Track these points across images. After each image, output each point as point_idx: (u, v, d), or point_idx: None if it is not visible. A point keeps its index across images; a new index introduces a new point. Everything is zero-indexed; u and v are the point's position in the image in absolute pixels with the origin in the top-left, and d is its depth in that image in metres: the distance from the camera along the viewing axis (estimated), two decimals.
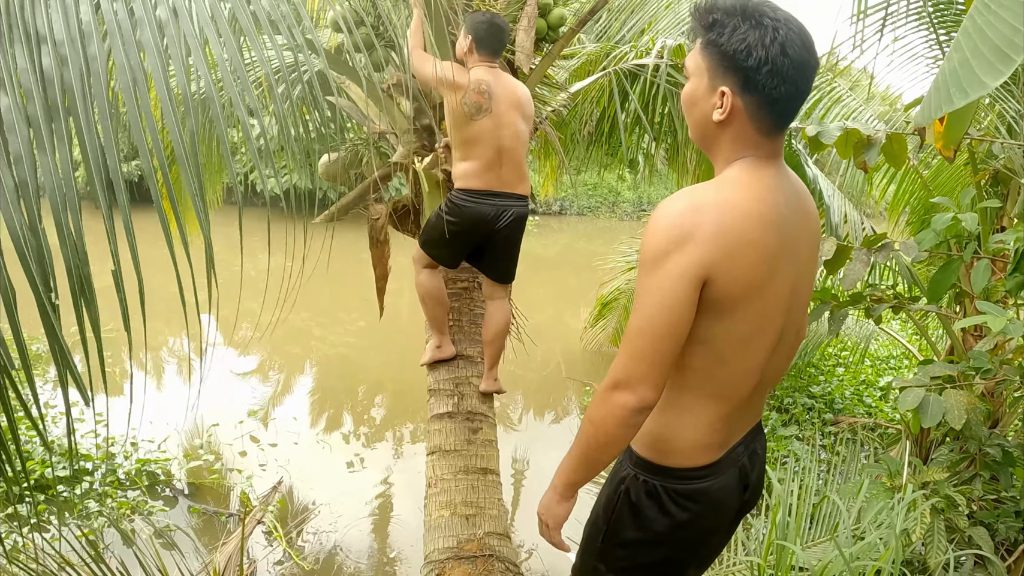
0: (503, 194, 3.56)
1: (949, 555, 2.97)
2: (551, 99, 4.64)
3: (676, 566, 1.96)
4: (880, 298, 3.91)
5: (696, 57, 1.64)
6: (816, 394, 7.46)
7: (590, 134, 5.69)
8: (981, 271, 3.45)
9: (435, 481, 3.48)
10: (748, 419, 1.89)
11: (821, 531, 3.79)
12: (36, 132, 1.37)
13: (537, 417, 7.61)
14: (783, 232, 1.62)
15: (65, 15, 1.42)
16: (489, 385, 3.83)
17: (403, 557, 4.90)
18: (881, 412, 7.22)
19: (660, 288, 1.54)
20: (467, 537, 3.26)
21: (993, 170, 4.28)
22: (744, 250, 1.55)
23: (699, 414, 1.74)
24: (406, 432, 7.00)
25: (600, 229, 22.10)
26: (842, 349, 8.60)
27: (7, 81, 1.36)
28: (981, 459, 3.82)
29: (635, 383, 1.58)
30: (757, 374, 1.75)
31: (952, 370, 3.55)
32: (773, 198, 1.61)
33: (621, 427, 1.62)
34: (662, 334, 1.55)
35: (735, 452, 1.86)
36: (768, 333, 1.71)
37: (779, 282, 1.65)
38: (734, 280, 1.56)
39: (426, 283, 3.82)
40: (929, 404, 3.30)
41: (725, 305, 1.59)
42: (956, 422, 3.25)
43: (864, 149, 3.50)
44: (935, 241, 3.53)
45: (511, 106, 3.50)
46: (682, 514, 1.80)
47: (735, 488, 1.88)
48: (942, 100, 1.65)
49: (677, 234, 1.53)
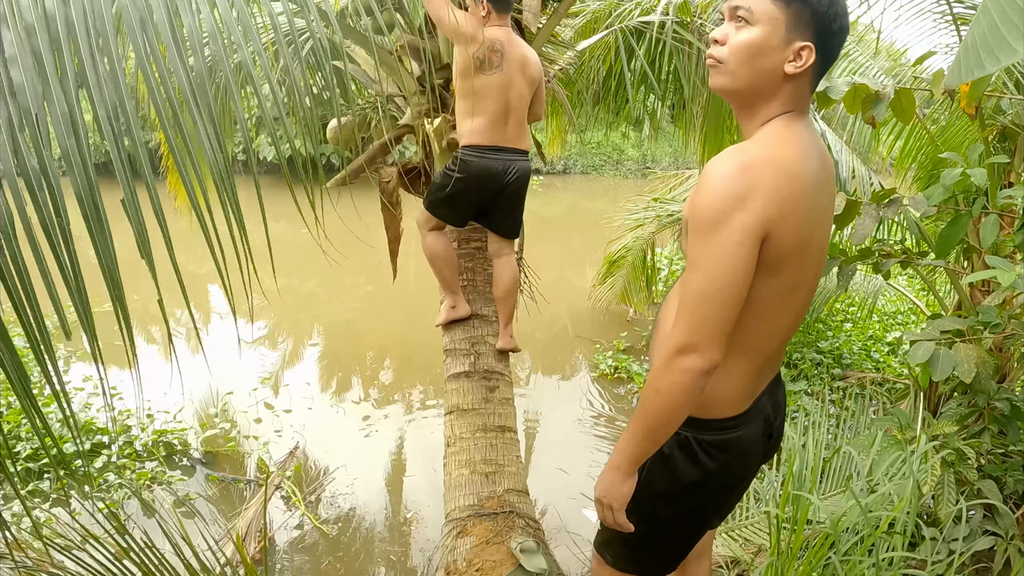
0: (508, 149, 3.64)
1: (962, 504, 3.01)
2: (558, 57, 4.63)
3: (701, 516, 2.02)
4: (889, 253, 3.93)
5: (769, 6, 1.62)
6: (824, 349, 7.49)
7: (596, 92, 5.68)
8: (990, 226, 3.46)
9: (454, 440, 3.54)
10: (773, 368, 1.93)
11: (834, 484, 3.84)
12: (39, 65, 1.40)
13: (546, 376, 7.66)
14: (818, 190, 1.66)
15: None
16: (505, 343, 3.87)
17: (419, 517, 4.96)
18: (889, 367, 7.26)
19: (723, 250, 1.55)
20: (487, 494, 3.32)
21: (1001, 126, 4.28)
22: (793, 209, 1.58)
23: (735, 368, 1.78)
24: (416, 394, 7.05)
25: (604, 187, 22.04)
26: (849, 305, 8.62)
27: (9, 15, 1.39)
28: (989, 413, 3.86)
29: (702, 346, 1.58)
30: (791, 325, 1.80)
31: (961, 324, 3.57)
32: (809, 155, 1.65)
33: (689, 392, 1.62)
34: (727, 296, 1.56)
35: (760, 402, 1.90)
36: (803, 289, 1.75)
37: (816, 239, 1.69)
38: (785, 238, 1.59)
39: (433, 245, 3.86)
40: (939, 358, 3.33)
41: (773, 264, 1.61)
42: (966, 375, 3.28)
43: (872, 104, 3.49)
44: (944, 196, 3.54)
45: (518, 68, 3.57)
46: (712, 464, 1.85)
47: (760, 436, 1.93)
48: (973, 64, 1.67)
49: (735, 194, 1.54)
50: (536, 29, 3.97)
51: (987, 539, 3.53)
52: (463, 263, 4.13)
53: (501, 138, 3.59)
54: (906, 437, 3.61)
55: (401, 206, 3.99)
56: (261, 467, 5.44)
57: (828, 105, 3.61)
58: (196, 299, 2.78)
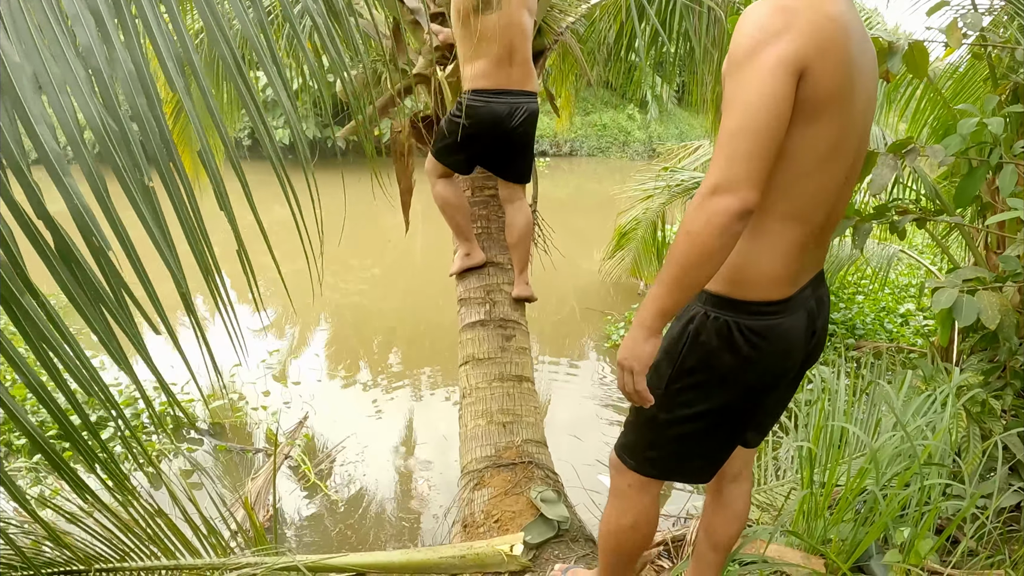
0: (514, 92, 3.54)
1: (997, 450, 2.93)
2: (570, 10, 4.56)
3: (735, 415, 1.92)
4: (905, 210, 3.87)
5: None
6: (837, 320, 7.43)
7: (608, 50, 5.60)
8: (1008, 176, 3.41)
9: (470, 391, 3.47)
10: (816, 257, 1.85)
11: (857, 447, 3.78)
12: (99, 22, 1.38)
13: (554, 359, 7.59)
14: (859, 48, 1.61)
15: None
16: (521, 291, 3.79)
17: (431, 485, 4.92)
18: (903, 337, 7.20)
19: (758, 81, 1.50)
20: (505, 444, 3.26)
21: (1013, 84, 4.22)
22: (833, 49, 1.53)
23: (776, 238, 1.71)
24: (427, 369, 7.01)
25: (611, 169, 21.91)
26: (861, 277, 8.56)
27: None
28: (1012, 368, 3.79)
29: (736, 185, 1.51)
30: (832, 197, 1.72)
31: (983, 272, 3.51)
32: (847, 15, 1.59)
33: (723, 235, 1.53)
34: (762, 129, 1.50)
35: (804, 293, 1.82)
36: (846, 151, 1.68)
37: (857, 98, 1.63)
38: (823, 80, 1.53)
39: (443, 192, 3.79)
40: (963, 304, 3.27)
41: (812, 108, 1.56)
42: (991, 321, 3.22)
43: (887, 57, 3.45)
44: (962, 145, 3.48)
45: (519, 3, 3.47)
46: (752, 352, 1.77)
47: (803, 330, 1.84)
48: None
49: (773, 28, 1.51)
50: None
51: (1015, 494, 3.47)
52: (476, 211, 4.05)
53: (506, 80, 3.49)
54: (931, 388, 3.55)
55: (413, 156, 3.92)
56: (270, 437, 5.39)
57: None
58: (202, 282, 2.78)
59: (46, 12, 1.35)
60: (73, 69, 1.34)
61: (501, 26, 3.39)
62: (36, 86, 1.31)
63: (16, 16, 1.33)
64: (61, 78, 1.33)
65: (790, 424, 3.75)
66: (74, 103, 1.34)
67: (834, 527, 2.39)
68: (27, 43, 1.32)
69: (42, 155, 1.29)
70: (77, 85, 1.34)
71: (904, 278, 9.01)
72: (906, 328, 7.42)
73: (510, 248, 3.81)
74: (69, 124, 1.33)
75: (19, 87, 1.29)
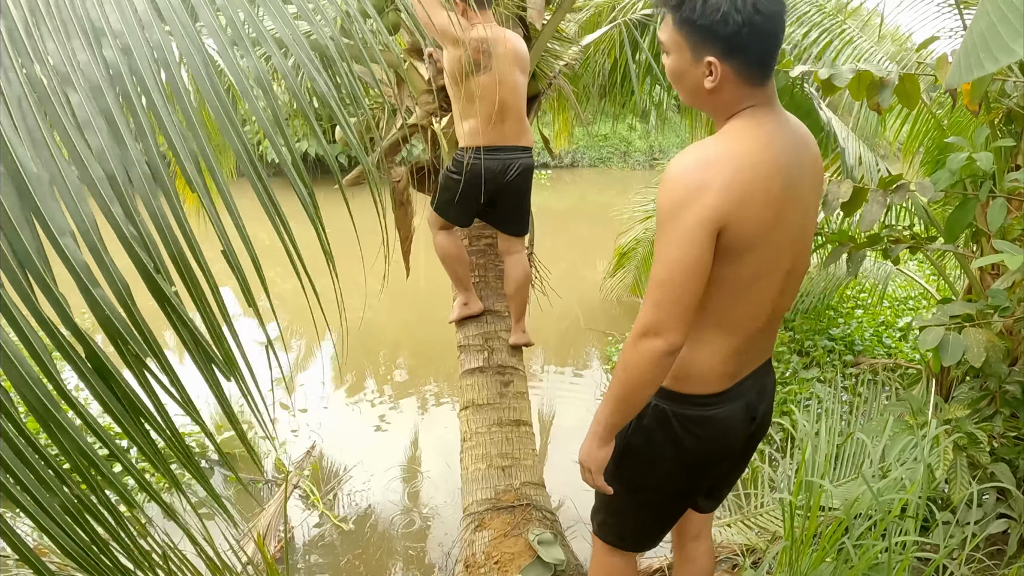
0: (508, 148, 3.63)
1: (973, 489, 3.04)
2: (563, 53, 4.65)
3: (680, 491, 2.12)
4: (897, 239, 3.95)
5: (671, 33, 1.71)
6: (836, 336, 7.49)
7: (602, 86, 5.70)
8: (997, 210, 3.48)
9: (470, 435, 3.58)
10: (758, 355, 2.01)
11: (847, 470, 3.87)
12: (111, 125, 1.39)
13: (559, 370, 7.69)
14: (789, 177, 1.71)
15: (119, 6, 1.46)
16: (518, 338, 3.91)
17: (437, 513, 5.00)
18: (901, 353, 7.26)
19: (680, 240, 1.62)
20: (504, 488, 3.36)
21: (1006, 108, 4.28)
22: (754, 199, 1.64)
23: (714, 346, 1.86)
24: (431, 390, 7.09)
25: (613, 180, 21.98)
26: (860, 291, 8.62)
27: (73, 76, 1.39)
28: (1001, 396, 3.87)
29: (663, 329, 1.67)
30: (767, 309, 1.88)
31: (971, 309, 3.59)
32: (778, 145, 1.70)
33: (654, 370, 1.72)
34: (684, 282, 1.64)
35: (744, 385, 1.98)
36: (777, 272, 1.82)
37: (786, 225, 1.75)
38: (745, 227, 1.65)
39: (444, 244, 3.89)
40: (949, 342, 3.35)
41: (737, 250, 1.68)
42: (976, 360, 3.30)
43: (877, 90, 3.52)
44: (951, 181, 3.55)
45: (510, 62, 3.54)
46: (689, 439, 1.95)
47: (741, 419, 2.00)
48: (973, 64, 1.71)
49: (692, 187, 1.61)
50: (540, 26, 4.00)
51: (1001, 522, 3.55)
52: (475, 260, 4.17)
53: (500, 137, 3.58)
54: (918, 422, 3.63)
55: (412, 204, 4.03)
56: (279, 467, 5.49)
57: (833, 92, 3.63)
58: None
59: (60, 118, 1.37)
60: (92, 173, 1.36)
61: (493, 85, 3.47)
62: (53, 194, 1.33)
63: (31, 125, 1.35)
64: (77, 184, 1.36)
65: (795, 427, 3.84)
66: (92, 209, 1.36)
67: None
68: (43, 152, 1.34)
69: (68, 267, 1.31)
70: (96, 188, 1.36)
71: (903, 291, 9.07)
72: (904, 343, 7.49)
73: (508, 298, 3.92)
74: (88, 231, 1.34)
75: (38, 196, 1.31)
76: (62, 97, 1.38)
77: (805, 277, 7.47)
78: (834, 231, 4.53)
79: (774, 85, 1.74)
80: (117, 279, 1.36)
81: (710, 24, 1.61)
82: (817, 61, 5.92)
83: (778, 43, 1.66)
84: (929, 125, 5.85)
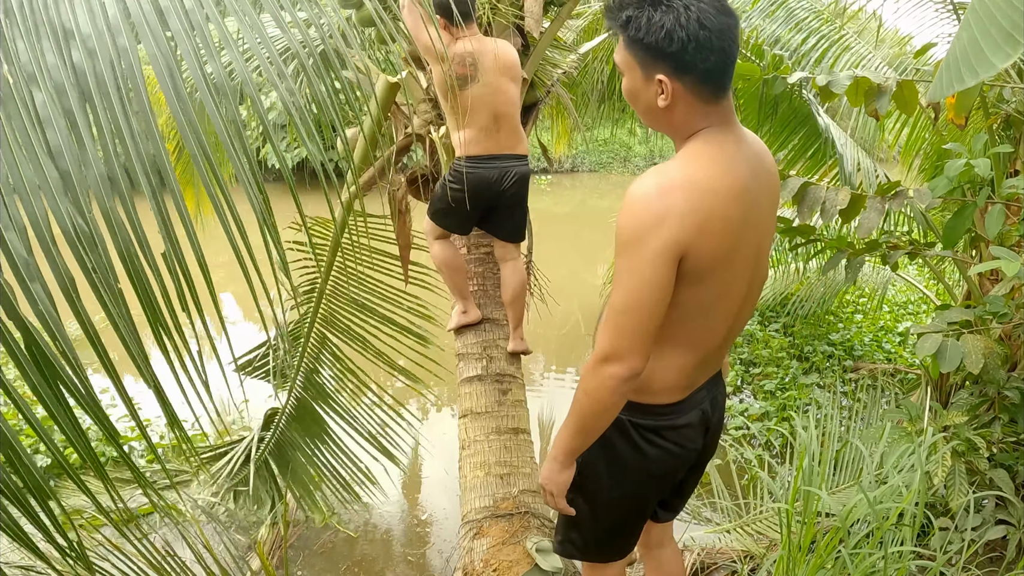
0: (503, 156, 3.65)
1: (970, 497, 3.04)
2: (561, 61, 4.67)
3: (642, 500, 2.15)
4: (896, 245, 3.95)
5: (623, 54, 1.72)
6: (835, 341, 7.50)
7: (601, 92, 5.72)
8: (995, 216, 3.48)
9: (468, 443, 3.59)
10: (713, 366, 2.05)
11: (845, 476, 3.88)
12: (72, 124, 1.41)
13: (559, 375, 7.70)
14: (747, 199, 1.72)
15: (90, 9, 1.48)
16: (516, 345, 3.93)
17: (436, 519, 5.01)
18: (900, 358, 7.27)
19: (640, 269, 1.64)
20: (503, 496, 3.37)
21: (1004, 114, 4.29)
22: (714, 225, 1.65)
23: (673, 360, 1.89)
24: (430, 396, 7.10)
25: (613, 184, 21.99)
26: (860, 296, 8.63)
27: (39, 76, 1.40)
28: (1000, 402, 3.88)
29: (623, 355, 1.70)
30: (727, 327, 1.92)
31: (969, 315, 3.60)
32: (736, 167, 1.71)
33: (613, 395, 1.75)
34: (645, 310, 1.66)
35: (698, 395, 2.02)
36: (735, 292, 1.85)
37: (745, 246, 1.77)
38: (706, 253, 1.67)
39: (440, 253, 3.92)
40: (947, 349, 3.35)
41: (697, 274, 1.70)
42: (974, 366, 3.31)
43: (875, 97, 3.52)
44: (948, 188, 3.56)
45: (499, 72, 3.55)
46: (647, 446, 1.99)
47: (697, 427, 2.04)
48: (954, 78, 1.72)
49: (653, 216, 1.62)
50: (539, 35, 4.01)
51: (999, 528, 3.56)
52: (473, 268, 4.19)
53: (495, 146, 3.60)
54: (916, 429, 3.64)
55: (410, 213, 4.04)
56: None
57: (831, 99, 3.64)
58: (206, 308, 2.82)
59: (21, 117, 1.38)
60: (45, 171, 1.37)
61: (485, 96, 3.50)
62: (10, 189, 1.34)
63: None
64: (34, 181, 1.37)
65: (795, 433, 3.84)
66: (46, 205, 1.37)
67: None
68: (3, 147, 1.36)
69: (10, 262, 1.32)
70: (49, 187, 1.37)
71: (902, 295, 9.07)
72: (904, 348, 7.49)
73: (506, 305, 3.94)
74: (40, 227, 1.36)
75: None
76: (26, 95, 1.40)
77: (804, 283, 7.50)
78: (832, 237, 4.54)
79: (731, 102, 1.75)
80: (63, 272, 1.37)
81: (656, 42, 1.62)
82: (815, 66, 5.94)
83: (728, 58, 1.66)
84: (928, 130, 5.85)
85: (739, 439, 5.75)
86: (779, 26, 6.13)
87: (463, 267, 3.98)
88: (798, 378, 6.76)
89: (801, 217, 3.69)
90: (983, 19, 1.69)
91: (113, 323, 1.43)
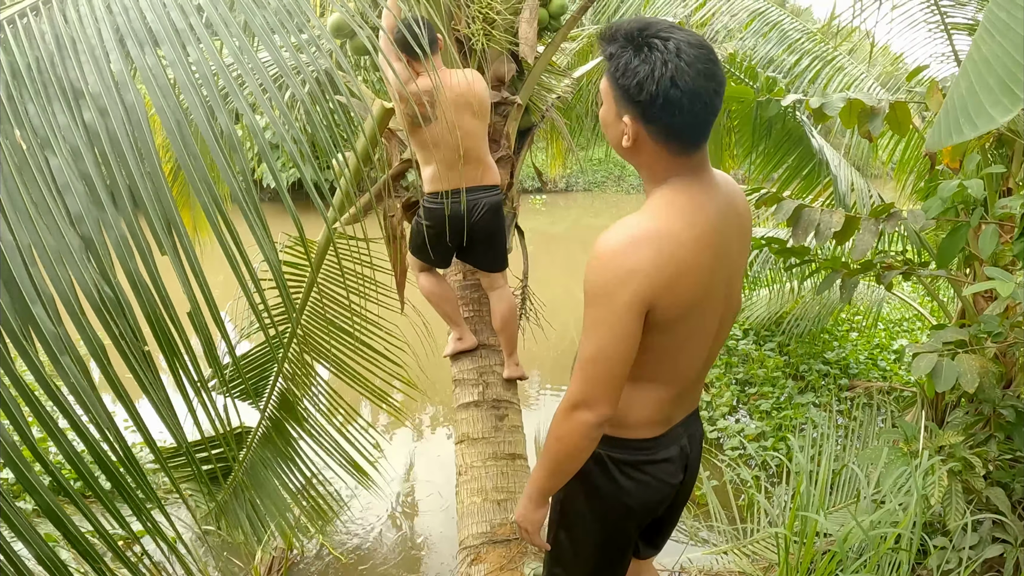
0: (471, 188, 3.63)
1: (967, 518, 3.04)
2: (556, 86, 4.69)
3: (622, 535, 2.13)
4: (890, 265, 3.97)
5: (604, 83, 1.72)
6: (831, 360, 7.51)
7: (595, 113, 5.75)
8: (988, 236, 3.49)
9: (466, 469, 3.59)
10: (689, 401, 2.06)
11: (842, 496, 3.88)
12: (90, 188, 1.39)
13: (555, 392, 7.70)
14: (717, 244, 1.72)
15: (97, 67, 1.46)
16: (512, 372, 3.93)
17: (433, 543, 5.00)
18: (896, 376, 7.28)
19: (608, 321, 1.65)
20: (500, 521, 3.36)
21: (996, 133, 4.32)
22: (683, 277, 1.66)
23: (649, 395, 1.90)
24: (426, 419, 7.09)
25: (607, 204, 22.05)
26: (855, 314, 8.65)
27: (53, 140, 1.39)
28: (996, 420, 3.88)
29: (592, 403, 1.72)
30: (701, 361, 1.93)
31: (963, 335, 3.61)
32: (705, 217, 1.70)
33: (584, 439, 1.77)
34: (613, 360, 1.68)
35: (676, 431, 2.03)
36: (707, 330, 1.87)
37: (716, 289, 1.79)
38: (674, 304, 1.68)
39: (427, 285, 3.95)
40: (942, 369, 3.36)
41: (668, 322, 1.71)
42: (969, 385, 3.31)
43: (868, 119, 3.55)
44: (942, 208, 3.57)
45: (459, 107, 3.51)
46: (627, 481, 1.98)
47: (676, 463, 2.04)
48: (952, 129, 1.71)
49: (622, 271, 1.62)
50: (533, 60, 4.03)
51: (996, 547, 3.55)
52: (467, 295, 4.21)
53: (458, 181, 3.57)
54: (912, 449, 3.64)
55: (406, 239, 4.04)
56: None
57: (824, 120, 3.66)
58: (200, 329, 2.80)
59: (39, 184, 1.37)
60: (66, 238, 1.35)
61: (443, 132, 3.46)
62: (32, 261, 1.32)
63: (11, 190, 1.35)
64: (56, 249, 1.35)
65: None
66: (69, 273, 1.35)
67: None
68: (23, 216, 1.33)
69: (39, 335, 1.31)
70: (71, 254, 1.35)
71: (897, 312, 9.09)
72: (899, 365, 7.50)
73: (497, 333, 3.94)
74: (66, 294, 1.34)
75: (12, 265, 1.30)
76: (42, 161, 1.39)
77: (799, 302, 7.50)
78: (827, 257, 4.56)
79: (705, 154, 1.73)
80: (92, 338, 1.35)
81: (628, 86, 1.61)
82: (809, 87, 5.98)
83: (698, 120, 1.62)
84: (921, 149, 5.88)
85: (735, 459, 5.74)
86: (772, 47, 6.18)
87: (451, 296, 3.99)
88: (794, 397, 6.76)
89: (796, 239, 3.70)
90: (980, 69, 1.68)
91: (144, 388, 1.44)
